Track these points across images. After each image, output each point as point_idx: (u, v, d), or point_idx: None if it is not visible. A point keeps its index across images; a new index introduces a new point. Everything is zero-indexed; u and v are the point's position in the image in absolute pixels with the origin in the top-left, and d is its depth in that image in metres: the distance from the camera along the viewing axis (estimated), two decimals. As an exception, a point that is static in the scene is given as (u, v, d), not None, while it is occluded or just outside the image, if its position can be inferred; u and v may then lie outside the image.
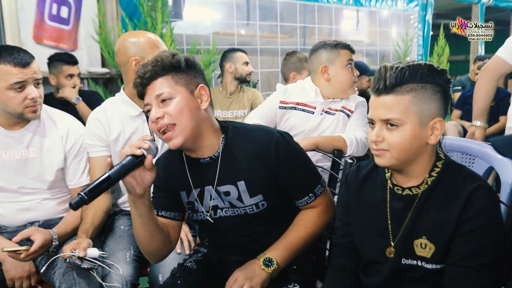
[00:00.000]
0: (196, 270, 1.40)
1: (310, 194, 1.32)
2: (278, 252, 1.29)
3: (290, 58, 3.13)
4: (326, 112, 1.95)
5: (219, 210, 1.32)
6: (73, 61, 3.01)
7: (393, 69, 1.05)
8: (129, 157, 1.10)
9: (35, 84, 1.55)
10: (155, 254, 1.31)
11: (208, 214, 1.32)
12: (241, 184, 1.27)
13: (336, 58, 1.93)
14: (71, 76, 2.97)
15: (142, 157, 1.11)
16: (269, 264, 1.27)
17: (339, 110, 1.95)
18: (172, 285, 1.35)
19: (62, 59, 2.98)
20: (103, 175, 1.08)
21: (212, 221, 1.33)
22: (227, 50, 3.38)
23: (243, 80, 3.30)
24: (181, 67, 1.23)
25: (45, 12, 3.21)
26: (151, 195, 1.28)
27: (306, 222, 1.33)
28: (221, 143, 1.28)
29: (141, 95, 1.25)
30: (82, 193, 1.04)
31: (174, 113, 1.19)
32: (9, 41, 3.07)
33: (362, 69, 3.46)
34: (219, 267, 1.42)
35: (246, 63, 3.28)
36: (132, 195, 1.14)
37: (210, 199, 1.31)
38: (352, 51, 1.96)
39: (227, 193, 1.29)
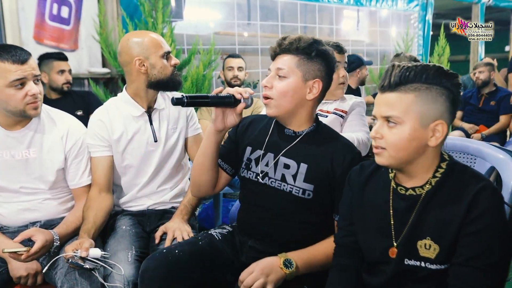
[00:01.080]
0: (219, 240, 1.46)
1: None
2: (300, 257, 1.32)
3: (393, 60, 3.32)
4: (317, 114, 1.95)
5: (266, 178, 1.40)
6: (63, 56, 3.03)
7: (400, 67, 1.06)
8: (229, 95, 1.31)
9: (34, 81, 1.55)
10: (200, 186, 1.48)
11: (259, 176, 1.41)
12: (303, 166, 1.36)
13: None
14: (63, 71, 2.99)
15: (238, 102, 1.32)
16: (289, 265, 1.29)
17: (332, 112, 1.95)
18: (193, 244, 1.41)
19: (52, 56, 3.01)
20: (204, 94, 1.32)
21: (257, 184, 1.41)
22: (229, 57, 3.44)
23: (229, 85, 3.32)
24: (311, 55, 1.33)
25: (45, 12, 3.21)
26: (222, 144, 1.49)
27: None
28: (310, 128, 1.40)
29: (272, 59, 1.40)
30: (184, 95, 1.25)
31: (279, 90, 1.34)
32: (10, 41, 3.07)
33: (359, 61, 3.57)
34: (237, 248, 1.46)
35: (230, 68, 3.31)
36: (213, 125, 1.35)
37: (266, 165, 1.40)
38: (340, 52, 1.93)
39: (287, 166, 1.38)
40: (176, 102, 1.24)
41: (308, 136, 1.39)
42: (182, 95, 1.24)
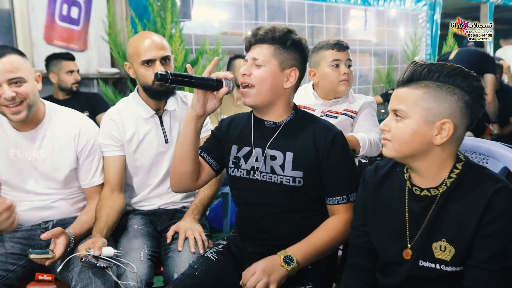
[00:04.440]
0: (217, 261, 1.43)
1: (344, 196, 1.37)
2: (299, 251, 1.31)
3: None
4: (327, 115, 1.95)
5: (257, 173, 1.40)
6: (71, 56, 3.06)
7: (415, 64, 1.08)
8: (213, 78, 1.29)
9: (11, 84, 1.47)
10: (181, 177, 1.43)
11: (252, 171, 1.41)
12: (289, 154, 1.37)
13: (321, 60, 1.94)
14: (72, 71, 3.02)
15: (220, 85, 1.30)
16: (289, 262, 1.28)
17: (342, 113, 1.95)
18: (190, 277, 1.36)
19: (61, 56, 3.03)
20: (189, 74, 1.29)
21: (248, 180, 1.41)
22: (231, 58, 3.43)
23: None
24: (286, 44, 1.35)
25: (55, 13, 3.24)
26: (206, 139, 1.52)
27: (331, 227, 1.36)
28: (289, 116, 1.41)
29: (246, 49, 1.40)
30: (169, 72, 1.23)
31: (257, 77, 1.35)
32: (21, 41, 3.10)
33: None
34: (238, 259, 1.45)
35: None
36: (193, 111, 1.33)
37: (255, 160, 1.40)
38: (340, 49, 1.92)
39: (274, 157, 1.39)
40: (160, 77, 1.22)
41: (288, 125, 1.40)
42: (167, 72, 1.22)
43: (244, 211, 1.47)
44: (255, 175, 1.40)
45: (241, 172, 1.43)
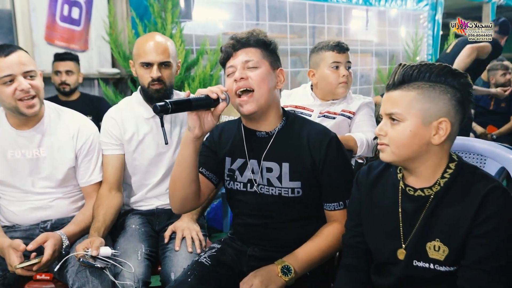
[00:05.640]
0: (210, 266, 1.41)
1: (341, 202, 1.35)
2: (297, 260, 1.30)
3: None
4: (324, 115, 1.95)
5: (255, 186, 1.37)
6: (61, 57, 2.99)
7: (404, 66, 1.07)
8: (207, 96, 1.19)
9: (27, 76, 1.54)
10: (182, 201, 1.34)
11: (245, 185, 1.38)
12: (286, 165, 1.34)
13: (320, 61, 1.94)
14: (58, 72, 2.95)
15: (216, 102, 1.20)
16: (287, 272, 1.27)
17: (339, 114, 1.95)
18: (183, 283, 1.35)
19: (55, 56, 2.99)
20: (185, 98, 1.18)
21: (246, 193, 1.38)
22: None
23: None
24: (271, 46, 1.34)
25: (56, 13, 3.25)
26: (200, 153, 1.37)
27: (327, 235, 1.35)
28: (280, 124, 1.37)
29: (226, 58, 1.33)
30: (168, 101, 1.12)
31: (257, 79, 1.28)
32: (22, 42, 3.11)
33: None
34: (234, 262, 1.44)
35: None
36: (191, 133, 1.22)
37: (251, 172, 1.37)
38: (340, 51, 1.92)
39: (270, 170, 1.35)
40: (160, 110, 1.11)
41: (281, 133, 1.36)
42: (165, 102, 1.12)
43: (242, 219, 1.45)
44: (253, 187, 1.38)
45: (237, 185, 1.40)
